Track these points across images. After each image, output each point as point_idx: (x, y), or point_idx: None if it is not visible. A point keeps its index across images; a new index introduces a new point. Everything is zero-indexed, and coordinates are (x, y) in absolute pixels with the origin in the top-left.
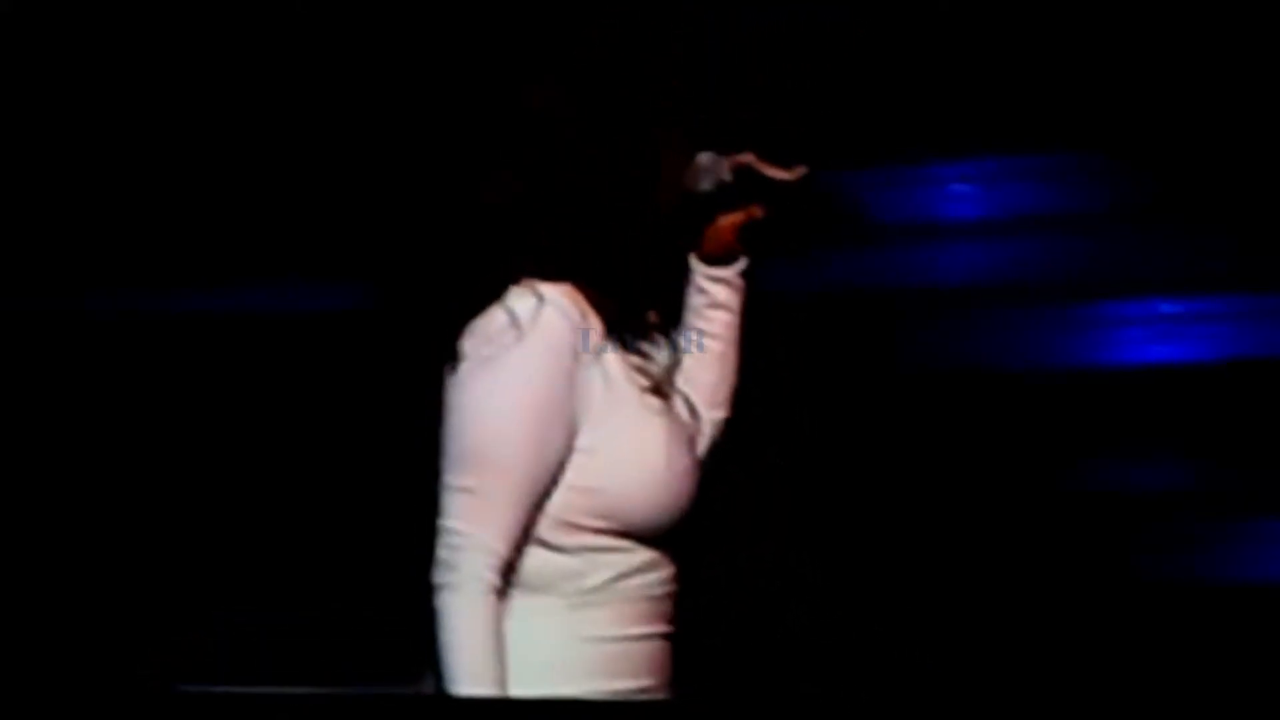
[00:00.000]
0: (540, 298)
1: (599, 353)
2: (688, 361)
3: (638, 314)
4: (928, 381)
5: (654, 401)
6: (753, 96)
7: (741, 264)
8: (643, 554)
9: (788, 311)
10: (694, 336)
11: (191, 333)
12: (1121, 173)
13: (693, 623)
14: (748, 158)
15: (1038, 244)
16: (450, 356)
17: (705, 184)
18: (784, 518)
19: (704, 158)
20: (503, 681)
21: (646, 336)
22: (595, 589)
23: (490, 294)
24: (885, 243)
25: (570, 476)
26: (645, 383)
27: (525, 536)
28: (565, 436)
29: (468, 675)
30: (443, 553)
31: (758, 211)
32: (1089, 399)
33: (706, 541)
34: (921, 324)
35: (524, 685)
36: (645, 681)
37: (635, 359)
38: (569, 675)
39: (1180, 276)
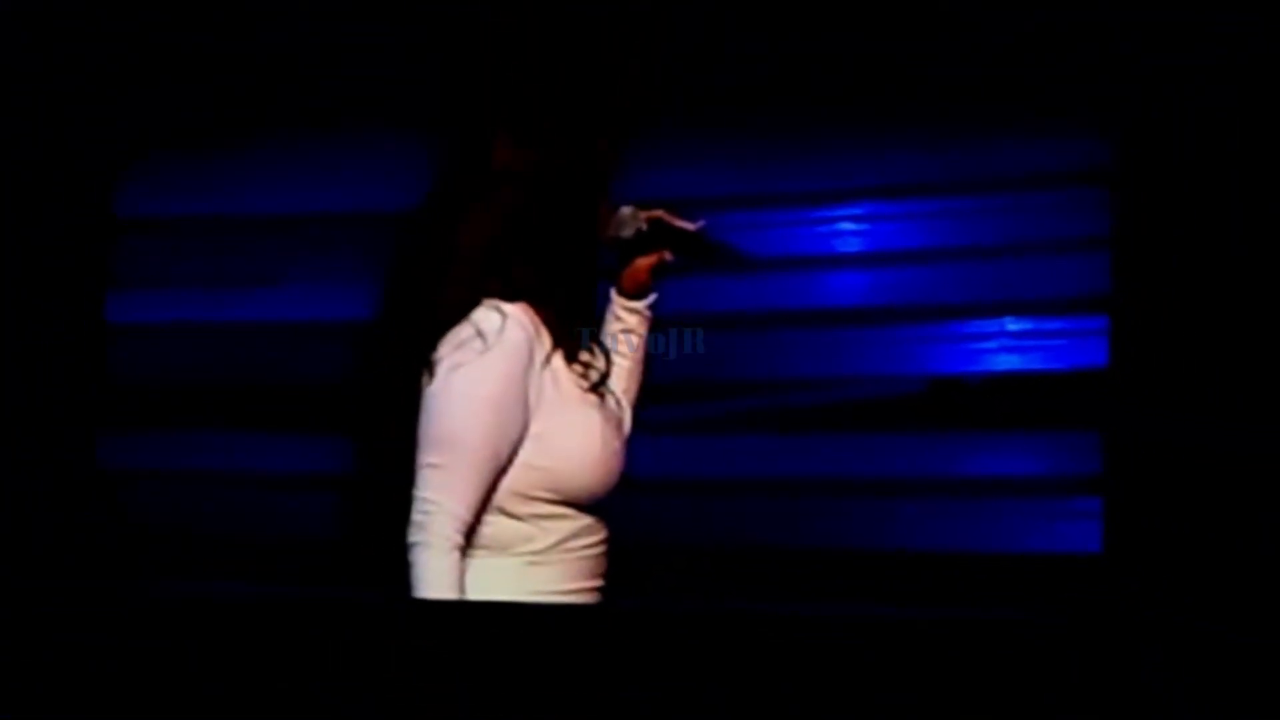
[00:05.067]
0: (503, 314)
1: (549, 359)
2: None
3: (577, 331)
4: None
5: (592, 398)
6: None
7: (652, 298)
8: (582, 521)
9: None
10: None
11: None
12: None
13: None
14: (659, 212)
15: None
16: (429, 360)
17: (626, 232)
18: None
19: (625, 210)
20: None
21: (586, 348)
22: (544, 550)
23: (463, 311)
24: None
25: (524, 456)
26: (584, 384)
27: (485, 506)
28: (520, 424)
29: None
30: (416, 517)
31: (667, 256)
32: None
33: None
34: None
35: None
36: None
37: (577, 365)
38: None
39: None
